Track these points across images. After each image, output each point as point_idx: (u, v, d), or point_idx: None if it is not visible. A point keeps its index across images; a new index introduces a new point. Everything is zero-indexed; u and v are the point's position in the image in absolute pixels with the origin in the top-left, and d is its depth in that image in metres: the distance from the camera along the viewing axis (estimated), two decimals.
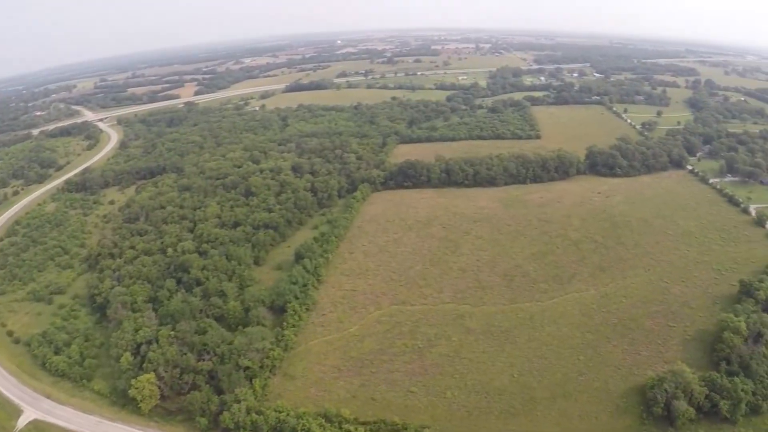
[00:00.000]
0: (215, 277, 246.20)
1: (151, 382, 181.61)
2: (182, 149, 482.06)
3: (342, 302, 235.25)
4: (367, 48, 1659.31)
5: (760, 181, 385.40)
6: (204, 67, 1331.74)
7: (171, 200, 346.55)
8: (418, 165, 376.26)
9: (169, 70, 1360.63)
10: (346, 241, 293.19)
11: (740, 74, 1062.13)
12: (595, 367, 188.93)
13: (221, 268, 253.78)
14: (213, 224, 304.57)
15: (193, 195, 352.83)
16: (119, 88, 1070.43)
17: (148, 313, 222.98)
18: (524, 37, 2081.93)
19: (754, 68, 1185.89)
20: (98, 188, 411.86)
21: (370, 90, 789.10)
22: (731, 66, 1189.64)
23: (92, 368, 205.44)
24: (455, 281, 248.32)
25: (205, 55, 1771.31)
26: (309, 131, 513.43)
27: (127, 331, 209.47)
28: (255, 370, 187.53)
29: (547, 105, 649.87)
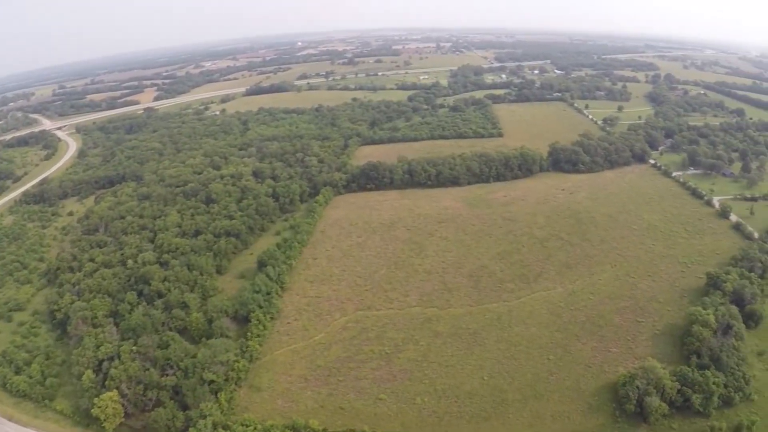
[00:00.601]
0: (177, 288, 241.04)
1: (114, 400, 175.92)
2: (142, 157, 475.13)
3: (307, 309, 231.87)
4: (327, 49, 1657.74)
5: (722, 173, 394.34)
6: (164, 72, 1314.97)
7: (130, 210, 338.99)
8: (380, 167, 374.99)
9: (128, 75, 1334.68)
10: (310, 247, 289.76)
11: (699, 68, 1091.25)
12: (566, 366, 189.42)
13: (183, 278, 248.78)
14: (173, 233, 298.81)
15: (152, 204, 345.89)
16: (78, 95, 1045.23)
17: (109, 328, 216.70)
18: (485, 35, 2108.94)
19: (712, 62, 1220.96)
20: (57, 199, 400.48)
21: (331, 91, 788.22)
22: (690, 60, 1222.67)
23: (54, 387, 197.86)
24: (421, 284, 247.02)
25: (165, 60, 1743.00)
26: (270, 135, 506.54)
27: (87, 347, 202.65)
28: (220, 383, 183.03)
29: (509, 103, 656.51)
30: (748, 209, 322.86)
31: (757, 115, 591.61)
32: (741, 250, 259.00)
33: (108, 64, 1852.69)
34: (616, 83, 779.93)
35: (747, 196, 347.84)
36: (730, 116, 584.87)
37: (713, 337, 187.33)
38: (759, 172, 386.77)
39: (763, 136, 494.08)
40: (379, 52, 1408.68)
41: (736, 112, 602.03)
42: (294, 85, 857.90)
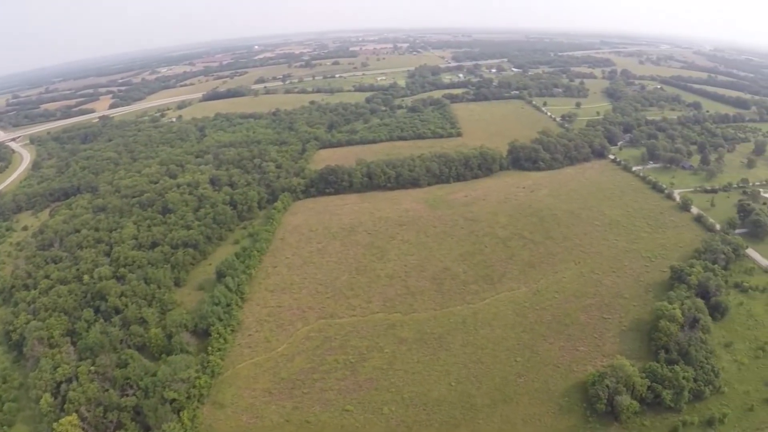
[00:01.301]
0: (134, 303, 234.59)
1: (73, 424, 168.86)
2: (97, 167, 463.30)
3: (268, 320, 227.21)
4: (285, 52, 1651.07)
5: (681, 166, 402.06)
6: (120, 79, 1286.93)
7: (85, 223, 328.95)
8: (339, 170, 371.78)
9: (84, 83, 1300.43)
10: (269, 255, 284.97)
11: (655, 63, 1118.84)
12: (534, 367, 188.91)
13: (140, 293, 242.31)
14: (130, 246, 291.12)
15: (108, 216, 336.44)
16: (32, 104, 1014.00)
17: (66, 348, 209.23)
18: (442, 35, 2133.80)
19: (667, 56, 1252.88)
20: (10, 213, 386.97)
21: (288, 95, 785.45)
22: (645, 55, 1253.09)
23: (12, 413, 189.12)
24: (384, 289, 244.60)
25: (120, 66, 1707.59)
26: (227, 141, 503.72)
27: (44, 369, 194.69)
28: (182, 401, 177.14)
29: (467, 102, 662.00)
30: (708, 201, 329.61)
31: (714, 107, 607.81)
32: (704, 242, 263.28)
33: (63, 71, 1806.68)
34: (573, 80, 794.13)
35: (707, 188, 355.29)
36: (687, 109, 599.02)
37: (680, 332, 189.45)
38: (718, 164, 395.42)
39: (720, 128, 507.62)
40: (336, 54, 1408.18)
41: (693, 105, 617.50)
42: (251, 89, 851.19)
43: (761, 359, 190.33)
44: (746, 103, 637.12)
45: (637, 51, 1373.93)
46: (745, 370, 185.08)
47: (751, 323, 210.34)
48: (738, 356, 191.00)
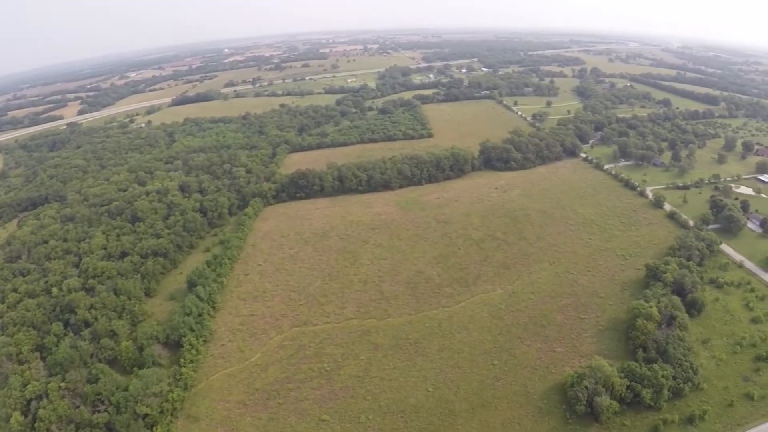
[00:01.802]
0: (104, 315, 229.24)
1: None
2: (65, 175, 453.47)
3: (241, 329, 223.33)
4: (254, 55, 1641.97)
5: (653, 163, 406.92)
6: (88, 84, 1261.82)
7: (54, 233, 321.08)
8: (309, 174, 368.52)
9: (52, 89, 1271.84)
10: (241, 262, 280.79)
11: (624, 61, 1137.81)
12: (512, 370, 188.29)
13: (110, 305, 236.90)
14: (99, 256, 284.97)
15: (77, 225, 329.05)
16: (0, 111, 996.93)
17: (35, 364, 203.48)
18: (412, 35, 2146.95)
19: (636, 54, 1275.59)
20: None
21: (258, 98, 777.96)
22: (615, 53, 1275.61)
23: None
24: (357, 295, 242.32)
25: (89, 71, 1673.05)
26: (196, 146, 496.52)
27: (14, 387, 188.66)
28: (155, 416, 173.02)
29: (438, 103, 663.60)
30: (681, 198, 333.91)
31: (683, 104, 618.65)
32: (678, 239, 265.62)
33: (30, 77, 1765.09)
34: (543, 79, 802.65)
35: (679, 184, 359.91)
36: (658, 107, 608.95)
37: (658, 330, 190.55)
38: (689, 160, 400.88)
39: (690, 124, 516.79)
40: (306, 56, 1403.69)
41: (663, 102, 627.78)
42: (221, 93, 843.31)
43: (739, 354, 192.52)
44: (715, 99, 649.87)
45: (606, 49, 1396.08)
46: (724, 366, 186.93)
47: (727, 318, 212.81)
48: (716, 352, 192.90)
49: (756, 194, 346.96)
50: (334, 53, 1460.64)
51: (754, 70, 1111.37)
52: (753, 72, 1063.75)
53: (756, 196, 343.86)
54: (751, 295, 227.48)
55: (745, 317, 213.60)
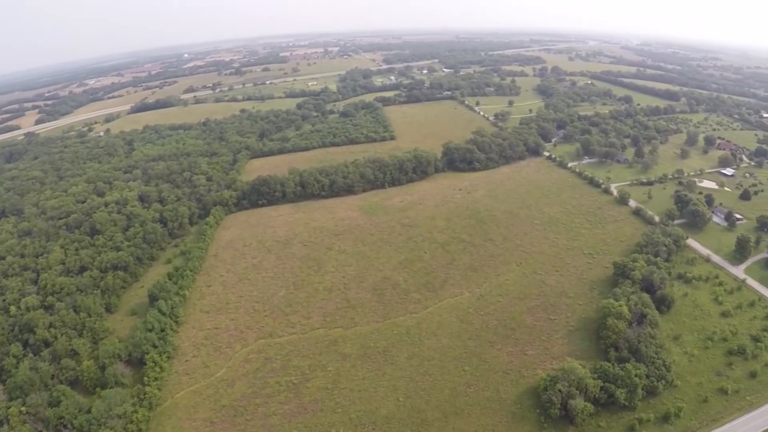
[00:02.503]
0: (64, 334, 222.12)
1: None
2: (22, 187, 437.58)
3: (205, 343, 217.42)
4: (214, 60, 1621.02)
5: (616, 160, 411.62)
6: (46, 93, 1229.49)
7: (11, 249, 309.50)
8: (271, 181, 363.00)
9: (8, 98, 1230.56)
10: (203, 273, 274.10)
11: (584, 59, 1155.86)
12: (483, 375, 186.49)
13: (70, 323, 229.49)
14: (58, 272, 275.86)
15: (34, 240, 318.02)
16: None
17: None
18: (372, 37, 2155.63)
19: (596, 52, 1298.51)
20: None
21: (218, 104, 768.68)
22: (575, 52, 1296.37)
23: None
24: (323, 303, 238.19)
25: (47, 79, 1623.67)
26: (156, 155, 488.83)
27: None
28: None
29: (400, 104, 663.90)
30: (645, 194, 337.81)
31: (645, 100, 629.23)
32: (644, 235, 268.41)
33: None
34: (505, 78, 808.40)
35: (643, 180, 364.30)
36: (619, 103, 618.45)
37: (629, 329, 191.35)
38: (652, 156, 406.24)
39: (652, 120, 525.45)
40: (266, 60, 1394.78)
41: (624, 99, 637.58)
42: (180, 99, 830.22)
43: (710, 349, 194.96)
44: (676, 95, 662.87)
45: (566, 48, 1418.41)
46: (696, 362, 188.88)
47: (697, 313, 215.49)
48: (687, 348, 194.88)
49: (719, 188, 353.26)
50: (294, 57, 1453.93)
51: (712, 65, 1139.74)
52: (712, 67, 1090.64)
53: (719, 189, 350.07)
54: (719, 289, 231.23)
55: (715, 311, 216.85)
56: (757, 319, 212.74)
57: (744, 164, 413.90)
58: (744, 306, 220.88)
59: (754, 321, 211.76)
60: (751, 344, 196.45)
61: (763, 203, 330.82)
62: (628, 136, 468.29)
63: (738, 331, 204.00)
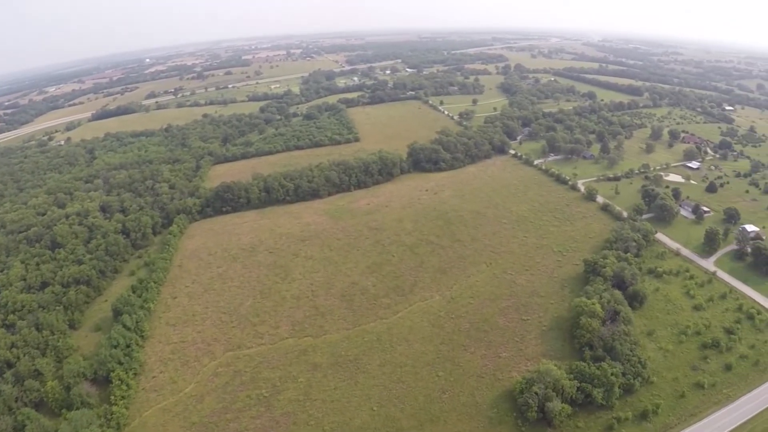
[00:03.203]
0: (27, 354, 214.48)
1: None
2: None
3: (172, 358, 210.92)
4: (176, 64, 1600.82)
5: (582, 156, 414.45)
6: (5, 101, 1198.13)
7: None
8: (235, 187, 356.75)
9: None
10: (168, 285, 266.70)
11: (547, 56, 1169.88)
12: (458, 380, 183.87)
13: (32, 341, 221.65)
14: (18, 289, 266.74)
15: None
16: None
17: None
18: (335, 39, 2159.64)
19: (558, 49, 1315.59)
20: None
21: (180, 109, 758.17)
22: (537, 49, 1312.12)
23: None
24: (291, 312, 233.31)
25: (6, 88, 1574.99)
26: (117, 163, 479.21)
27: None
28: None
29: (363, 105, 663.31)
30: (612, 189, 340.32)
31: (608, 96, 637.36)
32: (613, 231, 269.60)
33: None
34: (468, 77, 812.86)
35: (610, 176, 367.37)
36: (583, 100, 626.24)
37: (603, 327, 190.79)
38: (618, 151, 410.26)
39: (616, 116, 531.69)
40: (228, 64, 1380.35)
41: (588, 95, 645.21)
42: (142, 105, 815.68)
43: (684, 343, 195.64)
44: (639, 90, 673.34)
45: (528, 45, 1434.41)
46: (671, 357, 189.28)
47: (669, 308, 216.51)
48: (662, 343, 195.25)
49: (686, 181, 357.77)
50: (257, 59, 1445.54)
51: (673, 60, 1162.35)
52: (673, 62, 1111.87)
53: (686, 183, 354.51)
54: (690, 283, 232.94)
55: (687, 305, 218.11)
56: (729, 311, 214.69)
57: (709, 157, 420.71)
58: (715, 298, 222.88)
59: (726, 313, 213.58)
60: (724, 337, 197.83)
61: (729, 195, 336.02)
62: (593, 132, 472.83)
63: (711, 324, 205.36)
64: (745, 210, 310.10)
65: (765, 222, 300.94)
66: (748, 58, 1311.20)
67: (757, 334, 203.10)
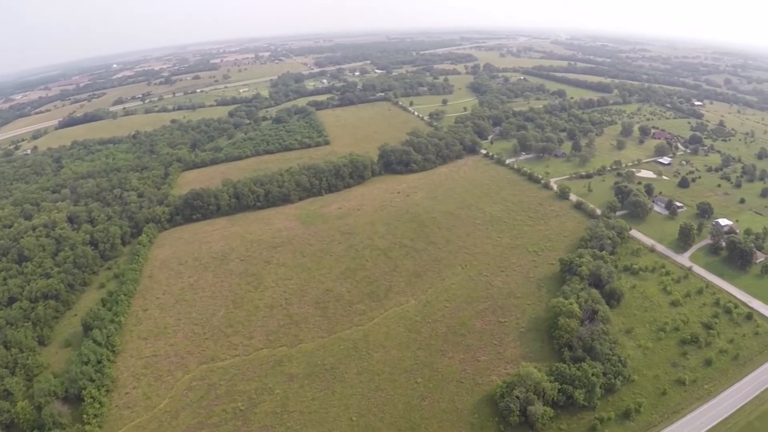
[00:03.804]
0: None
1: None
2: None
3: (145, 373, 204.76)
4: (144, 69, 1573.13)
5: (554, 154, 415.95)
6: None
7: None
8: (204, 194, 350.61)
9: None
10: (138, 296, 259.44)
11: (515, 55, 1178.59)
12: (437, 386, 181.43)
13: (1, 360, 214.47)
14: None
15: None
16: None
17: None
18: (303, 41, 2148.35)
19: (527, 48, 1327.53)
20: None
21: (148, 115, 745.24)
22: (506, 48, 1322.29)
23: None
24: (265, 321, 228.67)
25: None
26: (85, 171, 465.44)
27: None
28: None
29: (333, 108, 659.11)
30: (585, 187, 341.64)
31: (578, 93, 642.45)
32: (588, 229, 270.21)
33: None
34: (437, 77, 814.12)
35: (582, 173, 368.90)
36: (552, 98, 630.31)
37: (581, 327, 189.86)
38: (589, 149, 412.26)
39: (586, 113, 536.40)
40: (197, 68, 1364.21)
41: (558, 93, 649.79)
42: (109, 111, 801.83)
43: (663, 340, 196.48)
44: (608, 87, 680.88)
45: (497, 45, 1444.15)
46: (651, 354, 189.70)
47: (647, 305, 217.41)
48: (641, 341, 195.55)
49: (658, 177, 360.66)
50: (225, 63, 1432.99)
51: (641, 56, 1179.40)
52: (640, 59, 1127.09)
53: (658, 178, 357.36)
54: (667, 279, 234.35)
55: (664, 301, 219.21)
56: (707, 306, 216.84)
57: (680, 152, 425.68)
58: (692, 294, 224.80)
59: (703, 308, 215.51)
60: (703, 332, 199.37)
61: (701, 190, 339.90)
62: (564, 129, 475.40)
63: (689, 320, 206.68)
64: (717, 204, 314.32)
65: (738, 215, 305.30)
66: (715, 54, 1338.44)
67: (735, 328, 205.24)
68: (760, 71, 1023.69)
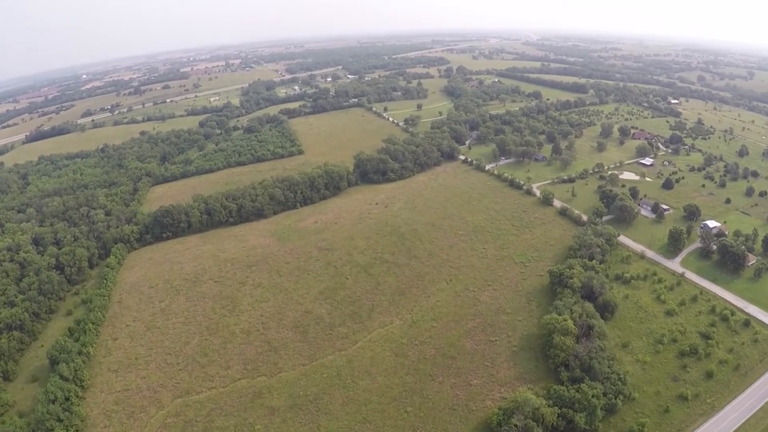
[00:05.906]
0: None
1: None
2: None
3: (116, 409, 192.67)
4: (113, 79, 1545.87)
5: (534, 158, 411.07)
6: None
7: None
8: (174, 211, 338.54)
9: None
10: (107, 324, 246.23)
11: (488, 57, 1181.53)
12: (428, 415, 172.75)
13: None
14: None
15: None
16: None
17: None
18: (274, 47, 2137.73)
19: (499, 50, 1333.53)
20: None
21: (117, 127, 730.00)
22: (478, 50, 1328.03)
23: None
24: (241, 349, 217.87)
25: None
26: (51, 189, 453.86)
27: None
28: None
29: (306, 116, 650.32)
30: (568, 191, 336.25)
31: (553, 95, 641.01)
32: (576, 237, 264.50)
33: None
34: (411, 81, 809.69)
35: (564, 177, 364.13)
36: (528, 100, 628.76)
37: (577, 344, 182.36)
38: (569, 151, 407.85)
39: (564, 114, 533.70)
40: (167, 77, 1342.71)
41: (533, 95, 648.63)
42: (78, 124, 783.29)
43: (662, 353, 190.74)
44: (584, 88, 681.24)
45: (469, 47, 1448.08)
46: (650, 369, 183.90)
47: (641, 316, 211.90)
48: (639, 355, 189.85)
49: (641, 178, 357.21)
50: (195, 72, 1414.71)
51: (613, 55, 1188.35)
52: (612, 57, 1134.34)
53: (641, 180, 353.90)
54: (659, 287, 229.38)
55: (659, 311, 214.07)
56: (703, 314, 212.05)
57: (661, 152, 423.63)
58: (687, 302, 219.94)
59: (700, 316, 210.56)
60: (702, 342, 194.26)
61: (686, 191, 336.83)
62: (542, 132, 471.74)
63: (686, 330, 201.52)
64: (704, 205, 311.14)
65: (725, 216, 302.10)
66: (686, 51, 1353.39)
67: (733, 336, 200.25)
68: (731, 67, 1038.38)
